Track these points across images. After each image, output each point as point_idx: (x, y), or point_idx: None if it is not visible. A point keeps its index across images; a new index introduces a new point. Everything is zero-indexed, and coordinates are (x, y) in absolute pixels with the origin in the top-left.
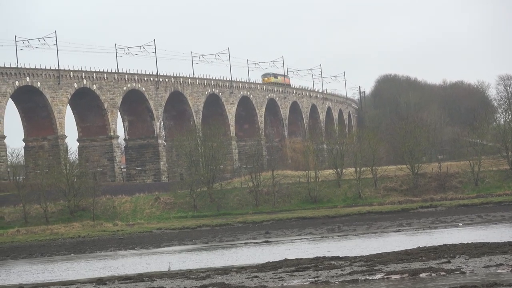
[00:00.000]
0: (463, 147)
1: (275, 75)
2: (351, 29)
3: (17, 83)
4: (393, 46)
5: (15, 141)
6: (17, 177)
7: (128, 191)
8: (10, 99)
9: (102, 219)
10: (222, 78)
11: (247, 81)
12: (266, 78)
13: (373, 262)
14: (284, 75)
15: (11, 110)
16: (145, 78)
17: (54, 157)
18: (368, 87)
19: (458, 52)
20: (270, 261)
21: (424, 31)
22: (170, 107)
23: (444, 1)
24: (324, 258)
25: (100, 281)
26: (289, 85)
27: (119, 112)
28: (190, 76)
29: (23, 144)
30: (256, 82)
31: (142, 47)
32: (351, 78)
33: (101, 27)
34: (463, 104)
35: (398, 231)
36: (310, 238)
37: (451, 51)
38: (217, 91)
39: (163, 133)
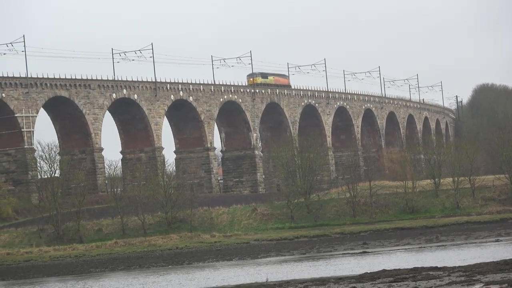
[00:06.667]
0: None
1: (264, 75)
2: (448, 39)
3: (114, 95)
4: (491, 55)
5: (113, 153)
6: (115, 189)
7: (225, 203)
8: (107, 112)
9: (199, 231)
10: (318, 89)
11: (344, 91)
12: (251, 79)
13: (471, 272)
14: (279, 75)
15: (109, 123)
16: (242, 90)
17: (151, 169)
18: (465, 97)
19: None
20: (368, 272)
21: None
22: (267, 118)
23: None
24: (423, 268)
25: None
26: (287, 85)
27: (215, 124)
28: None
29: (121, 156)
30: (353, 92)
31: (238, 59)
32: (448, 87)
33: (197, 39)
34: None
35: (497, 241)
36: (408, 248)
37: None
38: (313, 102)
39: (259, 144)
